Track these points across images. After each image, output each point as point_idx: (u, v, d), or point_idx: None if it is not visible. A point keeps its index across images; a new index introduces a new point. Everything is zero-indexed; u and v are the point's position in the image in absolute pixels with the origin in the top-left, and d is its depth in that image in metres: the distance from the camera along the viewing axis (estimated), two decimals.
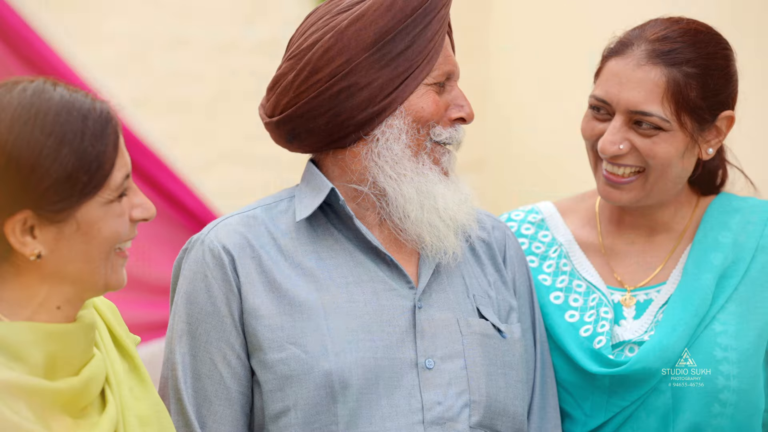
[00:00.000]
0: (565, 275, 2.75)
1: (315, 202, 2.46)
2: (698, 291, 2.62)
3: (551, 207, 2.85)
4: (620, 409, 2.60)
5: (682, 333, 2.59)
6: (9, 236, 2.05)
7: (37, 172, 2.03)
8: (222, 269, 2.43)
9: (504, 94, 5.91)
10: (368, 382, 2.36)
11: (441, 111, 2.46)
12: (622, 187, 2.65)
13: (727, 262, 2.65)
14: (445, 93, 2.48)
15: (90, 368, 2.15)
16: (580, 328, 2.67)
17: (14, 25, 4.00)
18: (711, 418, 2.57)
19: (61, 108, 2.07)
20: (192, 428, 2.40)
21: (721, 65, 2.65)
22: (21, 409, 2.02)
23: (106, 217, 2.10)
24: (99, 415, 2.16)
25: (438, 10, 2.44)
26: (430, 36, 2.43)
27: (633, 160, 2.63)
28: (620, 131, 2.61)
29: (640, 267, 2.73)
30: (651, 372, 2.57)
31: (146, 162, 4.24)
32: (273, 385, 2.38)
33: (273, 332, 2.39)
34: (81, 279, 2.12)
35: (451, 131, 2.47)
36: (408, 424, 2.36)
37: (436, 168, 2.46)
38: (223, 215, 2.55)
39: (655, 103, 2.59)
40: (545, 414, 2.59)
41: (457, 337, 2.44)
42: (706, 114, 2.63)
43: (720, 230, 2.68)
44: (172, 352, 2.44)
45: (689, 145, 2.63)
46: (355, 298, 2.42)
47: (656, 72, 2.60)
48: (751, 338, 2.60)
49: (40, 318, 2.11)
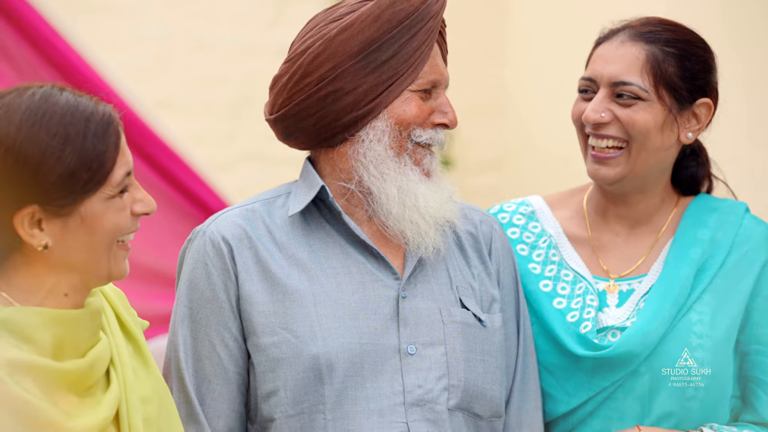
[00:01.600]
0: (553, 265, 2.90)
1: (306, 199, 2.63)
2: (677, 282, 2.77)
3: (540, 201, 3.00)
4: (601, 389, 2.75)
5: (662, 320, 2.74)
6: (18, 228, 2.22)
7: (43, 170, 2.20)
8: (221, 258, 2.60)
9: (521, 96, 6.03)
10: (354, 366, 2.53)
11: (424, 116, 2.61)
12: (608, 162, 2.79)
13: (704, 257, 2.80)
14: (431, 100, 2.63)
15: (95, 351, 2.32)
16: (567, 314, 2.82)
17: (43, 32, 4.16)
18: (684, 400, 2.72)
19: (65, 111, 2.24)
20: (192, 405, 2.57)
21: (700, 54, 2.82)
22: (29, 387, 2.19)
23: (107, 212, 2.27)
24: (103, 393, 2.33)
25: (425, 23, 2.59)
26: (416, 46, 2.58)
27: (615, 131, 2.78)
28: (603, 102, 2.78)
29: (624, 258, 2.88)
30: (632, 355, 2.73)
31: (169, 162, 4.40)
32: (264, 366, 2.56)
33: (266, 318, 2.56)
34: (86, 268, 2.29)
35: (432, 133, 2.62)
36: (390, 405, 2.53)
37: (417, 168, 2.61)
38: (225, 209, 2.72)
39: (634, 74, 2.76)
40: (525, 396, 2.74)
41: (439, 325, 2.60)
42: (684, 94, 2.79)
43: (699, 227, 2.83)
44: (175, 334, 2.61)
45: (668, 120, 2.78)
46: (344, 287, 2.59)
47: (637, 47, 2.79)
48: (723, 327, 2.75)
49: (49, 304, 2.28)
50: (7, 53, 4.11)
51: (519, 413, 2.73)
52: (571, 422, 2.79)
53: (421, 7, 2.58)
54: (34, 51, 4.13)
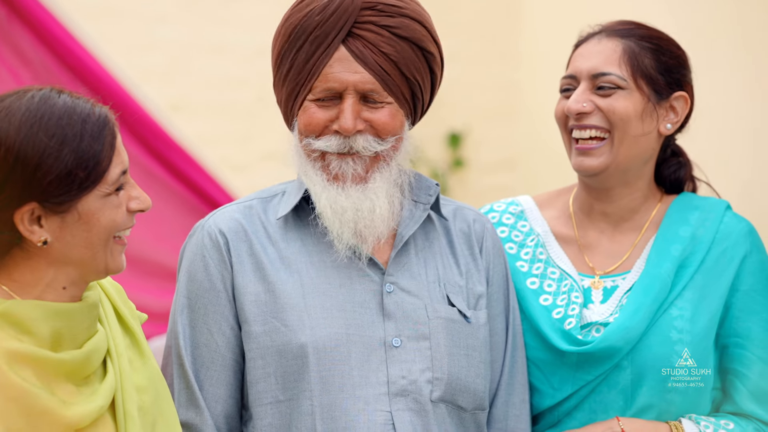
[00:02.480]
0: (540, 263, 2.98)
1: (293, 201, 2.75)
2: (658, 279, 2.85)
3: (530, 200, 3.08)
4: (585, 383, 2.83)
5: (643, 316, 2.82)
6: (18, 225, 2.32)
7: (41, 169, 2.30)
8: (218, 250, 2.72)
9: (534, 97, 6.09)
10: (340, 355, 2.64)
11: (320, 124, 2.68)
12: (592, 152, 2.87)
13: (685, 254, 2.87)
14: (336, 108, 2.69)
15: (92, 342, 2.42)
16: (552, 310, 2.90)
17: (59, 36, 4.25)
18: (665, 392, 2.80)
19: (63, 113, 2.34)
20: (192, 389, 2.68)
21: (674, 51, 2.92)
22: (28, 376, 2.29)
23: (104, 208, 2.37)
24: (100, 383, 2.43)
25: (309, 34, 2.67)
26: (305, 58, 2.67)
27: (597, 121, 2.87)
28: (584, 94, 2.88)
29: (609, 255, 2.96)
30: (614, 350, 2.81)
31: (182, 162, 4.50)
32: (255, 353, 2.67)
33: (258, 307, 2.68)
34: (83, 263, 2.39)
35: (326, 140, 2.69)
36: (375, 394, 2.63)
37: (322, 173, 2.70)
38: (224, 205, 2.84)
39: (612, 65, 2.87)
40: (512, 389, 2.84)
41: (424, 320, 2.70)
42: (661, 85, 2.88)
43: (680, 225, 2.91)
44: (175, 323, 2.73)
45: (647, 109, 2.87)
46: (332, 281, 2.70)
47: (614, 42, 2.90)
48: (703, 322, 2.83)
49: (48, 297, 2.38)
50: (25, 57, 4.20)
51: (506, 406, 2.82)
52: (557, 415, 2.87)
53: (303, 20, 2.67)
54: (51, 55, 4.23)
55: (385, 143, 2.69)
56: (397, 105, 2.69)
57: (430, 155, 6.58)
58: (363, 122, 2.67)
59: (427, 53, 2.70)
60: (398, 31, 2.67)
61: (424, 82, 2.71)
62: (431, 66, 2.72)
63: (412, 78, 2.68)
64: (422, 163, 6.58)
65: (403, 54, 2.67)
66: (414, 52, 2.68)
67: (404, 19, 2.68)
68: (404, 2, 2.71)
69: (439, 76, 2.77)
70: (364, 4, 2.66)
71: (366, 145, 2.67)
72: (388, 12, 2.67)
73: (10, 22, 4.16)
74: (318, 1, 2.67)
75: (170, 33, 5.99)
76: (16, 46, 4.16)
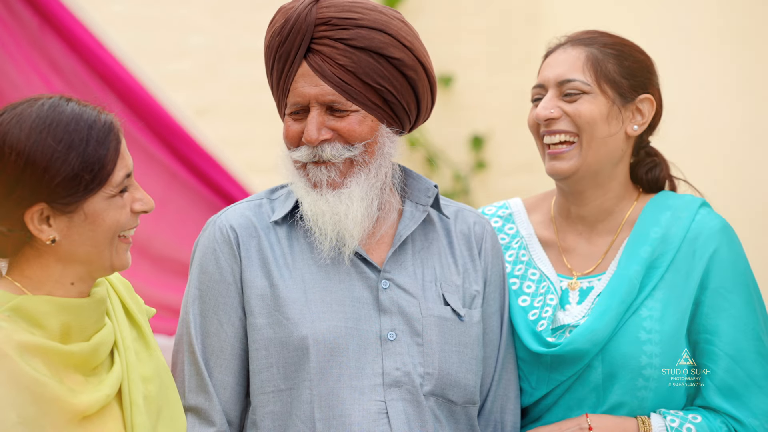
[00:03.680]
0: (522, 264, 3.08)
1: (287, 207, 2.89)
2: (625, 281, 2.93)
3: (519, 203, 3.19)
4: (559, 383, 2.94)
5: (610, 319, 2.90)
6: (28, 224, 2.47)
7: (49, 172, 2.45)
8: (228, 245, 2.85)
9: None
10: (339, 347, 2.77)
11: (295, 136, 2.81)
12: (562, 156, 2.97)
13: (655, 255, 2.94)
14: (305, 120, 2.81)
15: (100, 335, 2.57)
16: (529, 312, 3.00)
17: (89, 45, 4.38)
18: (636, 390, 2.88)
19: (71, 119, 2.49)
20: (202, 376, 2.81)
21: (638, 57, 3.02)
22: (38, 366, 2.43)
23: (108, 209, 2.52)
24: (107, 373, 2.57)
25: (273, 53, 2.81)
26: (278, 76, 2.81)
27: (565, 125, 2.96)
28: (552, 101, 2.98)
29: (587, 257, 3.05)
30: (582, 352, 2.90)
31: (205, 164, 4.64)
32: (259, 344, 2.80)
33: (263, 301, 2.81)
34: (89, 260, 2.53)
35: (299, 152, 2.82)
36: (370, 385, 2.77)
37: (305, 180, 2.83)
38: (236, 202, 2.98)
39: (577, 71, 2.97)
40: (507, 384, 2.97)
41: (418, 317, 2.82)
42: (625, 89, 2.98)
43: (652, 226, 2.98)
44: (187, 313, 2.86)
45: (612, 111, 2.97)
46: (332, 277, 2.83)
47: (577, 50, 3.00)
48: (673, 321, 2.90)
49: (57, 293, 2.52)
50: (56, 65, 4.34)
51: (500, 399, 2.96)
52: (538, 411, 2.99)
53: (270, 40, 2.82)
54: (81, 62, 4.37)
55: (354, 149, 2.79)
56: (364, 111, 2.79)
57: (453, 157, 6.68)
58: (329, 131, 2.78)
59: (392, 59, 2.78)
60: (354, 42, 2.76)
61: (395, 87, 2.79)
62: (401, 70, 2.79)
63: (376, 85, 2.77)
64: (445, 165, 6.69)
65: (361, 64, 2.75)
66: (375, 59, 2.76)
67: (360, 30, 2.76)
68: (360, 13, 2.79)
69: (418, 79, 2.82)
70: (317, 20, 2.77)
71: (334, 153, 2.79)
72: (342, 25, 2.76)
73: (43, 31, 4.31)
74: (278, 21, 2.81)
75: (199, 40, 6.13)
76: (48, 54, 4.32)
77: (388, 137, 2.84)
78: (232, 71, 6.14)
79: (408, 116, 2.87)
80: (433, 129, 6.46)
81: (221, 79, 6.14)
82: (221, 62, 6.17)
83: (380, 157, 2.83)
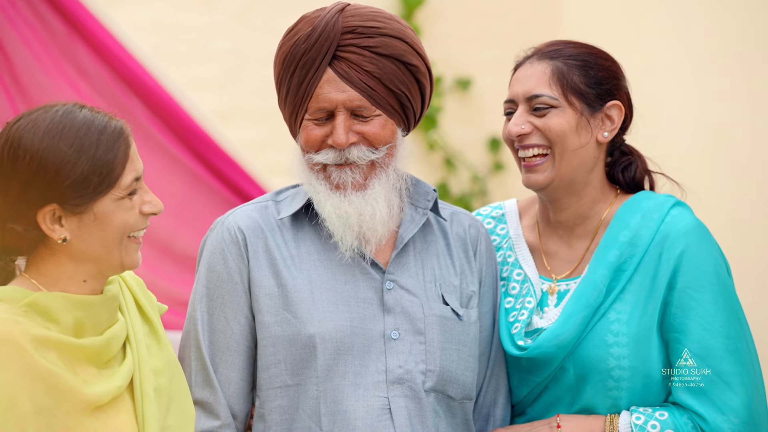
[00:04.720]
0: (508, 265, 3.16)
1: (294, 207, 2.97)
2: (591, 285, 2.99)
3: (513, 205, 3.26)
4: (535, 384, 3.02)
5: (575, 323, 2.97)
6: (41, 224, 2.59)
7: (61, 175, 2.56)
8: (236, 245, 2.94)
9: None
10: (344, 345, 2.87)
11: (317, 140, 2.90)
12: (537, 169, 3.04)
13: (622, 258, 2.99)
14: (330, 124, 2.90)
15: (112, 330, 2.68)
16: (509, 313, 3.09)
17: (115, 51, 4.48)
18: (607, 390, 2.96)
19: (82, 125, 2.60)
20: (208, 372, 2.91)
21: (602, 64, 3.06)
22: (53, 359, 2.55)
23: (117, 211, 2.63)
24: (119, 366, 2.68)
25: (298, 61, 2.87)
26: (298, 82, 2.88)
27: (537, 139, 3.03)
28: (522, 116, 3.04)
29: (566, 260, 3.11)
30: (549, 355, 2.98)
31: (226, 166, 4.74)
32: (267, 342, 2.90)
33: (271, 300, 2.90)
34: (100, 259, 2.65)
35: (323, 154, 2.90)
36: (374, 381, 2.87)
37: (325, 182, 2.91)
38: (243, 204, 3.07)
39: (543, 86, 3.02)
40: (499, 379, 3.07)
41: (420, 317, 2.92)
42: (592, 98, 3.03)
43: (621, 229, 3.03)
44: (194, 310, 2.95)
45: (581, 123, 3.02)
46: (338, 277, 2.93)
47: (543, 64, 3.05)
48: (641, 322, 2.96)
49: (71, 290, 2.64)
50: (84, 71, 4.45)
51: (494, 394, 3.06)
52: (521, 408, 3.08)
53: (292, 48, 2.88)
54: (107, 68, 4.49)
55: (378, 152, 2.90)
56: (386, 116, 2.90)
57: (472, 159, 6.75)
58: (355, 135, 2.88)
59: (410, 66, 2.90)
60: (379, 49, 2.86)
61: (411, 92, 2.91)
62: (416, 76, 2.92)
63: (397, 90, 2.88)
64: (463, 166, 6.76)
65: (385, 70, 2.86)
66: (397, 66, 2.88)
67: (384, 38, 2.87)
68: (383, 22, 2.90)
69: (427, 85, 2.95)
70: (344, 28, 2.87)
71: (360, 155, 2.88)
72: (367, 33, 2.87)
73: (71, 38, 4.42)
74: (303, 29, 2.88)
75: (222, 45, 6.24)
76: (75, 61, 4.43)
77: (402, 140, 2.95)
78: (255, 76, 6.24)
79: (414, 119, 2.99)
80: (451, 131, 6.53)
81: (244, 84, 6.24)
82: (244, 67, 6.27)
83: (398, 159, 2.94)
